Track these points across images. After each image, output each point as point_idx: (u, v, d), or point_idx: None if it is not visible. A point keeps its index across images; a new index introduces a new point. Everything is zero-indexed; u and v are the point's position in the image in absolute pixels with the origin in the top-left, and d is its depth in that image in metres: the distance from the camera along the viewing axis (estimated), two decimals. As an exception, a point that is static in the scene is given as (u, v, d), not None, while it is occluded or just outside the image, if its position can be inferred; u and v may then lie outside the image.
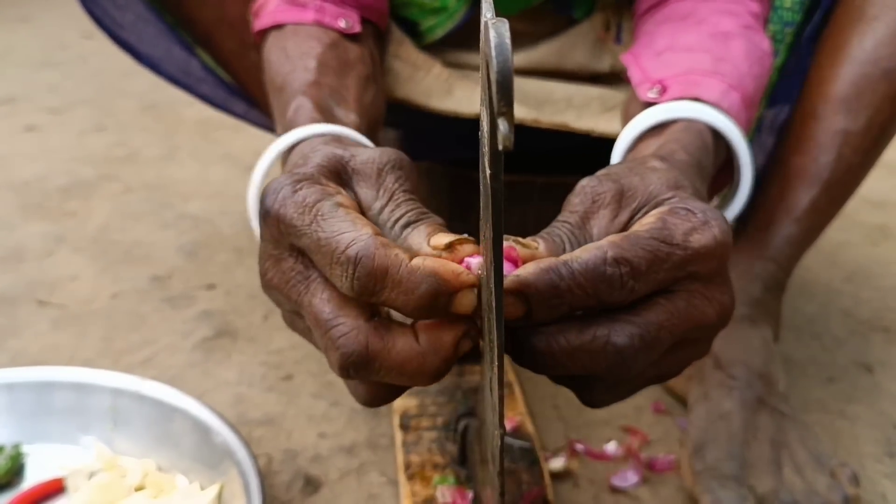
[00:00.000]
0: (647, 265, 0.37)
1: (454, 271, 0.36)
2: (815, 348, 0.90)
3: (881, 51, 0.70)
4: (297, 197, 0.39)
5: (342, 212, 0.38)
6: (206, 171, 1.35)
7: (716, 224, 0.39)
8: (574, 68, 0.82)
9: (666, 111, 0.55)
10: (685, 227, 0.39)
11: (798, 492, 0.63)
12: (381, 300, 0.37)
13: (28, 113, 1.62)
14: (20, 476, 0.66)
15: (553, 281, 0.37)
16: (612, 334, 0.37)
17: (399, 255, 0.36)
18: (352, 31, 0.67)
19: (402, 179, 0.42)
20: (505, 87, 0.29)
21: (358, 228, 0.37)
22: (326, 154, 0.43)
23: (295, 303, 0.40)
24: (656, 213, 0.40)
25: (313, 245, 0.38)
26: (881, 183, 1.24)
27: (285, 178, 0.40)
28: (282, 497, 0.67)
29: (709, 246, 0.39)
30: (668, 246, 0.38)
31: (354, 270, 0.36)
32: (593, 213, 0.42)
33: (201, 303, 0.95)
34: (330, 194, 0.39)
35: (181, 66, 0.87)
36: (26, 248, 1.07)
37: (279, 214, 0.39)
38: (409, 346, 0.37)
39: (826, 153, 0.73)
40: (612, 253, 0.37)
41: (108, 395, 0.69)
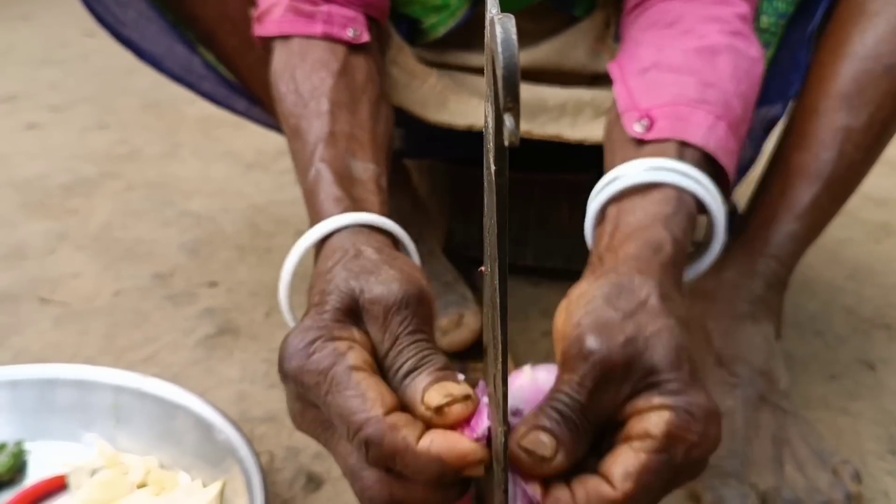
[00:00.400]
0: (656, 497, 0.42)
1: (459, 454, 0.40)
2: (818, 345, 0.90)
3: (882, 47, 0.70)
4: (312, 364, 0.42)
5: (354, 381, 0.41)
6: (208, 169, 1.35)
7: (713, 434, 0.42)
8: (574, 67, 0.82)
9: (654, 173, 0.55)
10: (687, 443, 0.41)
11: (800, 489, 0.63)
12: (395, 471, 0.41)
13: (29, 111, 1.62)
14: (22, 473, 0.66)
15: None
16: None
17: (406, 438, 0.40)
18: (359, 40, 0.66)
19: (407, 321, 0.45)
20: (511, 82, 0.29)
21: (367, 408, 0.40)
22: (340, 293, 0.46)
23: (324, 445, 0.45)
24: (662, 423, 0.41)
25: (332, 417, 0.42)
26: (883, 180, 1.24)
27: (300, 339, 0.43)
28: (284, 494, 0.67)
29: (705, 458, 0.43)
30: (672, 470, 0.41)
31: (368, 451, 0.40)
32: (600, 387, 0.43)
33: (203, 300, 0.95)
34: (342, 354, 0.42)
35: (183, 63, 0.87)
36: (28, 245, 1.07)
37: (297, 381, 0.43)
38: (428, 491, 0.41)
39: (828, 150, 0.72)
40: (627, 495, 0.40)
41: (110, 393, 0.69)
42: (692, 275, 0.60)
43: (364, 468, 0.42)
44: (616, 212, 0.55)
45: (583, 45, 0.81)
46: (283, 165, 1.33)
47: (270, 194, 1.24)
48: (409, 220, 0.89)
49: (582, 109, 0.79)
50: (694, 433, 0.41)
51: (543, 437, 0.41)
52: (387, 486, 0.41)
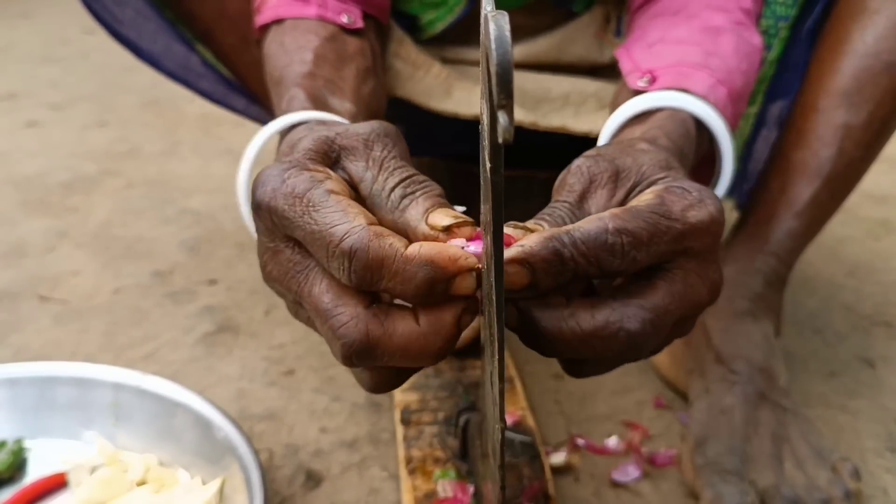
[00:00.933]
0: (648, 237, 0.38)
1: (451, 257, 0.36)
2: (817, 343, 0.90)
3: (882, 44, 0.70)
4: (287, 187, 0.39)
5: (333, 200, 0.38)
6: (208, 167, 1.35)
7: (711, 202, 0.40)
8: (574, 61, 0.82)
9: (652, 100, 0.56)
10: (683, 204, 0.40)
11: (799, 486, 0.63)
12: (379, 289, 0.37)
13: (29, 108, 1.62)
14: (22, 471, 0.66)
15: (556, 249, 0.37)
16: (625, 321, 0.38)
17: (394, 244, 0.36)
18: (354, 26, 0.67)
19: (388, 146, 0.42)
20: (505, 79, 0.29)
21: (350, 219, 0.37)
22: (313, 137, 0.43)
23: (295, 293, 0.40)
24: (654, 191, 0.41)
25: (308, 237, 0.38)
26: (883, 177, 1.24)
27: (274, 169, 0.40)
28: (283, 491, 0.67)
29: (705, 221, 0.40)
30: (667, 220, 0.39)
31: (350, 264, 0.36)
32: (590, 192, 0.43)
33: (203, 298, 0.95)
34: (319, 181, 0.39)
35: (181, 61, 0.87)
36: (28, 243, 1.07)
37: (270, 207, 0.39)
38: (409, 328, 0.37)
39: (827, 147, 0.72)
40: (613, 224, 0.38)
41: (109, 391, 0.69)
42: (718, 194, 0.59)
43: (339, 304, 0.38)
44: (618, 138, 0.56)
45: (582, 40, 0.81)
46: (283, 163, 1.33)
47: (270, 192, 1.24)
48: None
49: (585, 100, 0.79)
50: (688, 196, 0.40)
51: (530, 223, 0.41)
52: (363, 322, 0.37)
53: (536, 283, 0.37)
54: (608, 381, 0.81)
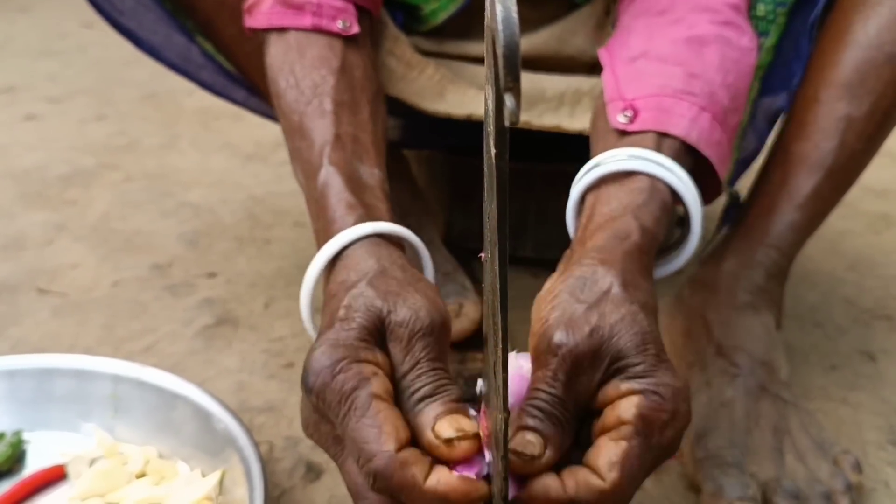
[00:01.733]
0: (641, 482, 0.44)
1: (465, 492, 0.41)
2: (818, 336, 0.90)
3: (885, 35, 0.70)
4: (336, 384, 0.44)
5: (373, 410, 0.43)
6: (207, 160, 1.34)
7: (683, 411, 0.45)
8: (574, 53, 0.82)
9: (630, 162, 0.57)
10: (660, 423, 0.44)
11: (800, 479, 0.63)
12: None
13: (28, 102, 1.61)
14: (21, 463, 0.66)
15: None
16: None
17: (415, 476, 0.41)
18: (349, 32, 0.66)
19: (429, 347, 0.46)
20: (512, 61, 0.28)
21: (382, 440, 0.42)
22: (367, 314, 0.47)
23: (332, 459, 0.47)
24: (633, 408, 0.44)
25: (345, 439, 0.44)
26: (884, 172, 1.24)
27: (327, 357, 0.45)
28: (283, 484, 0.67)
29: (679, 435, 0.45)
30: (652, 452, 0.44)
31: (375, 482, 0.42)
32: (576, 377, 0.45)
33: (202, 291, 0.95)
34: (366, 379, 0.44)
35: (181, 52, 0.87)
36: (27, 236, 1.07)
37: (320, 397, 0.44)
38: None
39: (829, 139, 0.72)
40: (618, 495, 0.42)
41: (108, 383, 0.69)
42: (677, 265, 0.61)
43: (369, 491, 0.43)
44: (593, 201, 0.57)
45: (582, 32, 0.81)
46: (282, 157, 1.33)
47: (269, 185, 1.24)
48: (408, 210, 0.88)
49: (580, 99, 0.79)
50: (665, 412, 0.44)
51: (530, 437, 0.43)
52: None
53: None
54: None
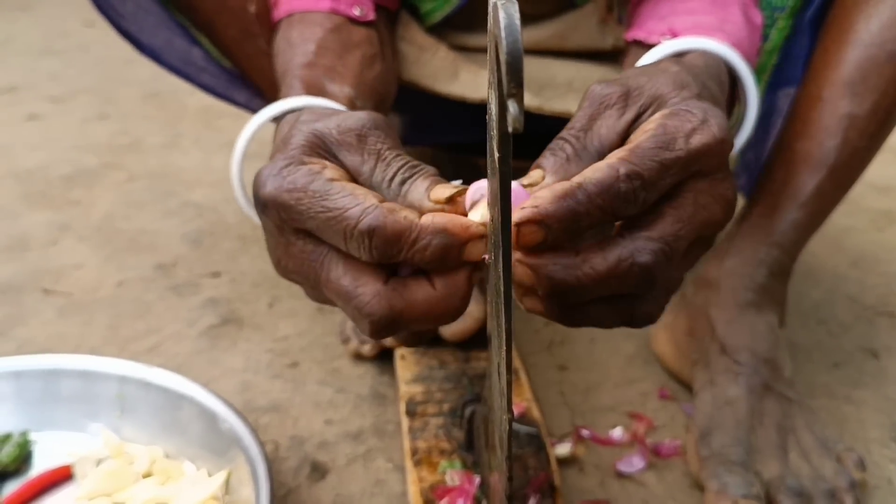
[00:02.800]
0: (658, 175, 0.39)
1: (462, 225, 0.39)
2: (821, 334, 0.90)
3: (887, 33, 0.70)
4: (288, 183, 0.41)
5: (337, 186, 0.40)
6: (210, 160, 1.34)
7: (714, 122, 0.41)
8: (576, 48, 0.82)
9: (685, 43, 0.56)
10: (686, 129, 0.40)
11: (804, 477, 0.63)
12: (399, 260, 0.39)
13: (30, 102, 1.61)
14: (28, 463, 0.66)
15: (571, 206, 0.38)
16: (636, 255, 0.39)
17: (408, 217, 0.39)
18: (366, 18, 0.67)
19: (382, 137, 0.44)
20: (515, 68, 0.29)
21: (360, 200, 0.39)
22: (305, 132, 0.45)
23: (314, 281, 0.42)
24: (657, 119, 0.42)
25: (322, 225, 0.40)
26: (887, 168, 1.24)
27: (271, 168, 0.42)
28: (289, 483, 0.67)
29: (709, 143, 0.41)
30: (672, 151, 0.40)
31: (371, 241, 0.39)
32: (599, 113, 0.43)
33: (206, 290, 0.95)
34: (317, 172, 0.41)
35: (182, 55, 0.87)
36: (30, 236, 1.07)
37: (278, 203, 0.41)
38: (428, 294, 0.40)
39: (831, 137, 0.72)
40: (623, 170, 0.39)
41: (114, 383, 0.69)
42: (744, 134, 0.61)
43: (359, 285, 0.40)
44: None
45: (585, 28, 0.81)
46: (285, 155, 1.33)
47: (272, 184, 1.24)
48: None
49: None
50: (691, 119, 0.41)
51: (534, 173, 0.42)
52: (385, 298, 0.40)
53: (551, 239, 0.39)
54: (613, 373, 0.81)
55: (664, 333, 0.81)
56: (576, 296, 0.40)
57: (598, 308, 0.41)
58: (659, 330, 0.82)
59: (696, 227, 0.41)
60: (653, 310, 0.42)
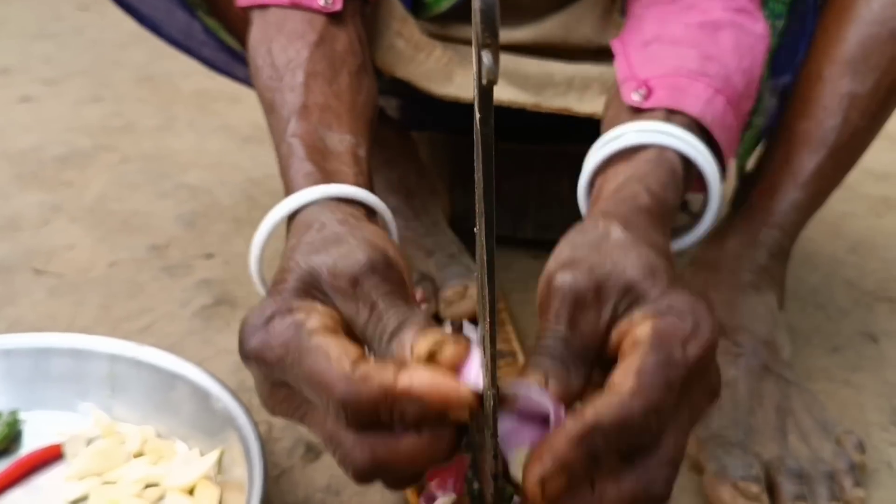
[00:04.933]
0: (666, 398, 0.39)
1: (442, 394, 0.38)
2: (820, 318, 0.90)
3: (889, 11, 0.69)
4: (272, 339, 0.41)
5: (314, 342, 0.40)
6: (204, 142, 1.33)
7: (705, 325, 0.41)
8: (580, 42, 0.81)
9: (637, 135, 0.55)
10: (680, 337, 0.40)
11: (803, 458, 0.63)
12: (382, 420, 0.39)
13: (23, 84, 1.60)
14: (17, 442, 0.65)
15: (590, 450, 0.37)
16: (650, 487, 0.39)
17: (383, 382, 0.38)
18: (331, 9, 0.64)
19: (378, 285, 0.43)
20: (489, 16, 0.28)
21: (332, 367, 0.39)
22: (300, 272, 0.44)
23: (301, 424, 0.44)
24: (647, 329, 0.40)
25: (302, 386, 0.41)
26: (885, 155, 1.23)
27: (258, 317, 0.43)
28: (283, 464, 0.66)
29: (706, 351, 0.41)
30: (674, 368, 0.39)
31: (346, 412, 0.38)
32: (578, 316, 0.43)
33: (200, 272, 0.94)
34: (300, 323, 0.41)
35: (182, 29, 0.86)
36: (23, 217, 1.06)
37: (259, 359, 0.42)
38: (413, 443, 0.39)
39: (832, 117, 0.71)
40: (637, 403, 0.38)
41: (106, 362, 0.68)
42: (695, 238, 0.60)
43: (342, 432, 0.40)
44: (601, 181, 0.56)
45: (588, 20, 0.80)
46: (280, 139, 1.32)
47: (266, 168, 1.23)
48: (414, 191, 0.88)
49: (589, 85, 0.78)
50: (683, 326, 0.40)
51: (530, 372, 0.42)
52: (368, 448, 0.39)
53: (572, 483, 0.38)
54: (609, 355, 0.81)
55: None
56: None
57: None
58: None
59: (692, 426, 0.42)
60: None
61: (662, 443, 0.40)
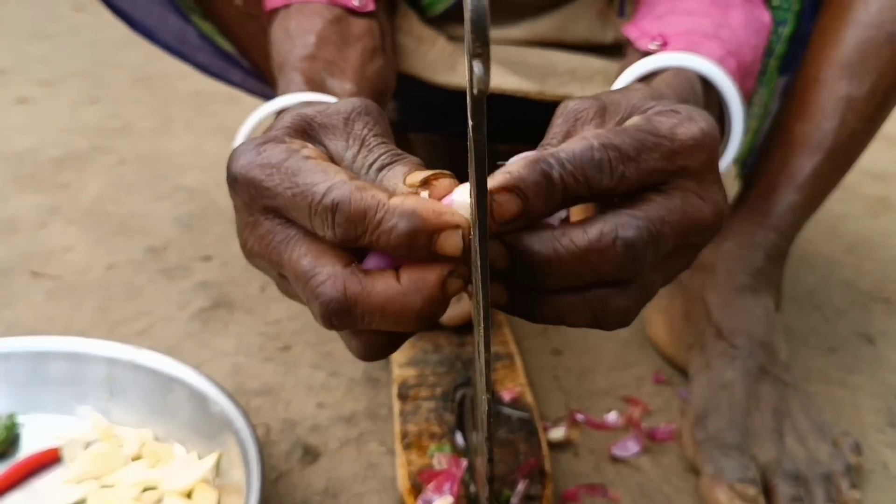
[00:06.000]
0: (636, 151, 0.37)
1: (434, 210, 0.35)
2: (817, 319, 0.90)
3: (886, 14, 0.69)
4: (262, 158, 0.38)
5: (311, 163, 0.38)
6: (201, 143, 1.33)
7: (700, 118, 0.39)
8: (576, 41, 0.81)
9: (659, 60, 0.55)
10: (670, 122, 0.39)
11: (800, 460, 0.63)
12: (364, 244, 0.36)
13: (20, 85, 1.60)
14: (15, 446, 0.65)
15: (544, 170, 0.36)
16: (620, 229, 0.36)
17: (377, 195, 0.36)
18: (364, 9, 0.65)
19: (370, 124, 0.41)
20: (480, 26, 0.28)
21: (330, 176, 0.36)
22: (292, 115, 0.42)
23: (276, 263, 0.39)
24: (640, 115, 0.40)
25: (289, 202, 0.37)
26: (882, 155, 1.24)
27: (248, 143, 0.40)
28: (280, 467, 0.66)
29: (695, 137, 0.39)
30: (654, 136, 0.38)
31: (334, 217, 0.36)
32: (577, 129, 0.41)
33: (197, 274, 0.94)
34: (295, 150, 0.39)
35: (176, 34, 0.85)
36: (20, 219, 1.06)
37: (247, 178, 0.39)
38: (389, 286, 0.36)
39: (829, 119, 0.72)
40: (598, 140, 0.37)
41: (103, 365, 0.68)
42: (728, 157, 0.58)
43: (317, 265, 0.37)
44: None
45: (584, 19, 0.80)
46: (277, 140, 1.32)
47: (264, 169, 1.23)
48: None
49: (592, 76, 0.78)
50: (676, 116, 0.39)
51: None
52: (341, 281, 0.36)
53: (528, 209, 0.36)
54: (607, 357, 0.81)
55: (659, 317, 0.81)
56: (549, 278, 0.37)
57: (568, 300, 0.38)
58: (654, 314, 0.82)
59: (683, 222, 0.38)
60: (628, 306, 0.39)
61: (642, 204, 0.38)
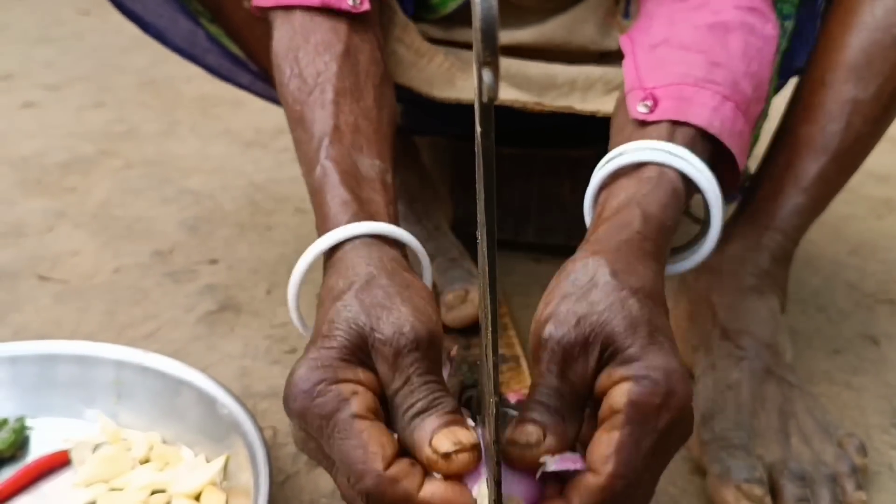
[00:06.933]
0: (642, 467, 0.42)
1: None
2: (821, 320, 0.90)
3: (892, 17, 0.69)
4: (315, 408, 0.43)
5: (356, 430, 0.42)
6: (207, 147, 1.34)
7: (678, 392, 0.43)
8: (583, 44, 0.81)
9: (639, 154, 0.56)
10: (653, 407, 0.42)
11: (806, 461, 0.63)
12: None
13: (25, 89, 1.60)
14: (24, 449, 0.66)
15: None
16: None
17: (407, 490, 0.41)
18: (359, 9, 0.64)
19: (418, 362, 0.45)
20: (489, 35, 0.28)
21: (368, 460, 0.42)
22: (349, 332, 0.46)
23: (325, 468, 0.46)
24: (624, 396, 0.43)
25: (333, 459, 0.44)
26: (887, 157, 1.23)
27: (304, 380, 0.44)
28: (288, 469, 0.67)
29: (679, 415, 0.43)
30: (649, 437, 0.42)
31: (367, 501, 0.42)
32: (567, 367, 0.45)
33: (204, 277, 0.94)
34: (345, 400, 0.43)
35: (186, 36, 0.86)
36: (26, 223, 1.06)
37: (302, 420, 0.44)
38: None
39: (835, 122, 0.72)
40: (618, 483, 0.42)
41: (111, 368, 0.68)
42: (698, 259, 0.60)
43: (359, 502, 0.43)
44: (605, 196, 0.56)
45: (591, 22, 0.80)
46: (282, 144, 1.32)
47: (269, 172, 1.23)
48: (416, 196, 0.88)
49: (592, 85, 0.78)
50: (657, 395, 0.42)
51: (529, 427, 0.43)
52: None
53: None
54: (612, 359, 0.81)
55: (665, 319, 0.81)
56: None
57: None
58: (659, 316, 0.82)
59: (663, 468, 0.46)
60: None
61: (637, 494, 0.44)
